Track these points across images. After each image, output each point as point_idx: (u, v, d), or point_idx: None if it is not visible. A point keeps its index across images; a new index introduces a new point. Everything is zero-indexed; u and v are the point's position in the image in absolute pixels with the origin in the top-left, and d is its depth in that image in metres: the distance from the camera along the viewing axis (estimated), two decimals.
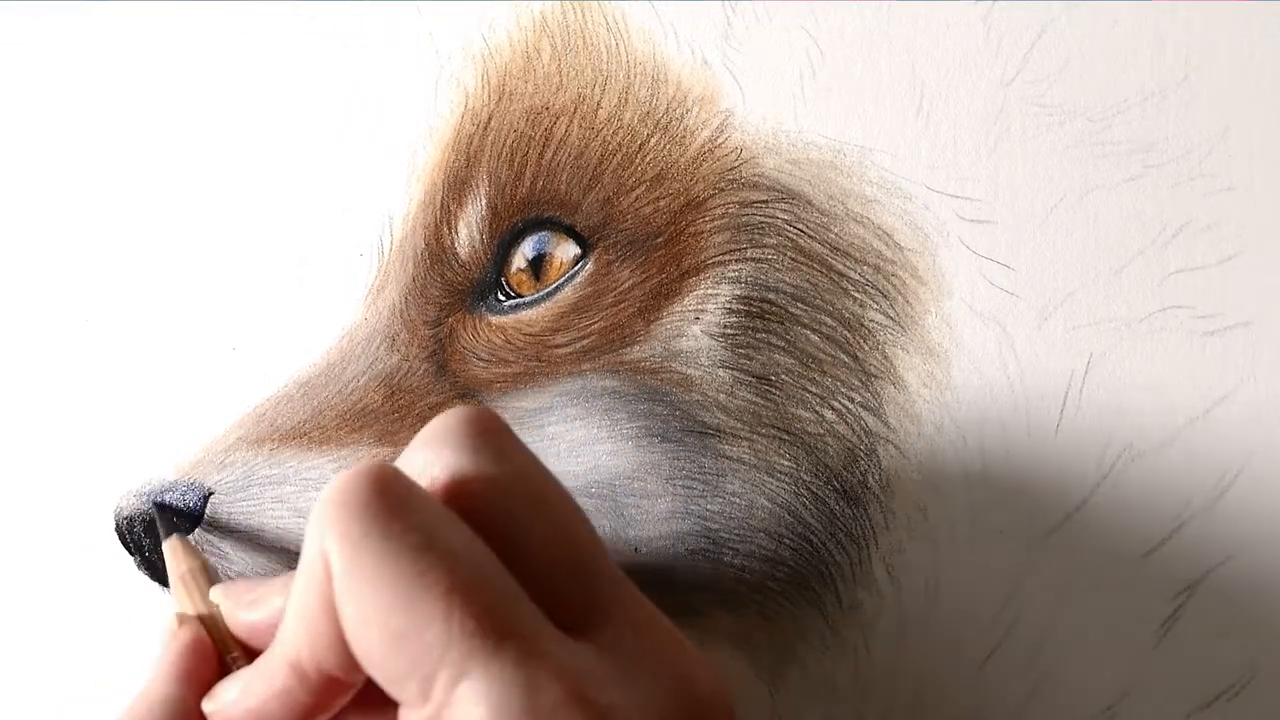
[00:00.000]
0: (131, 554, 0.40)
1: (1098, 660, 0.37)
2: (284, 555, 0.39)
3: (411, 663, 0.25)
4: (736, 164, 0.38)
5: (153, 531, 0.40)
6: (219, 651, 0.34)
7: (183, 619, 0.35)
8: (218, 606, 0.34)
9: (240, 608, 0.33)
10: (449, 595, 0.25)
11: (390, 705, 0.27)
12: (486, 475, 0.29)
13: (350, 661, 0.27)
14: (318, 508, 0.27)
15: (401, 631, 0.25)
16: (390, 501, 0.27)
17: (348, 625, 0.26)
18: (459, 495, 0.28)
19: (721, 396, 0.38)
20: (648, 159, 0.39)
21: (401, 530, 0.26)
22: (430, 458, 0.29)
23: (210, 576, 0.36)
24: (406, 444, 0.39)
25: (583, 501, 0.38)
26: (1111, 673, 0.37)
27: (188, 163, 0.42)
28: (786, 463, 0.38)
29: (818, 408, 0.38)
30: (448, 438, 0.29)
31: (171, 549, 0.37)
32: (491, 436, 0.29)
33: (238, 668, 0.33)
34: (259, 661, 0.30)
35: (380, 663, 0.26)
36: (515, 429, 0.39)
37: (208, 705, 0.32)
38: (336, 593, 0.26)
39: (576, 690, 0.25)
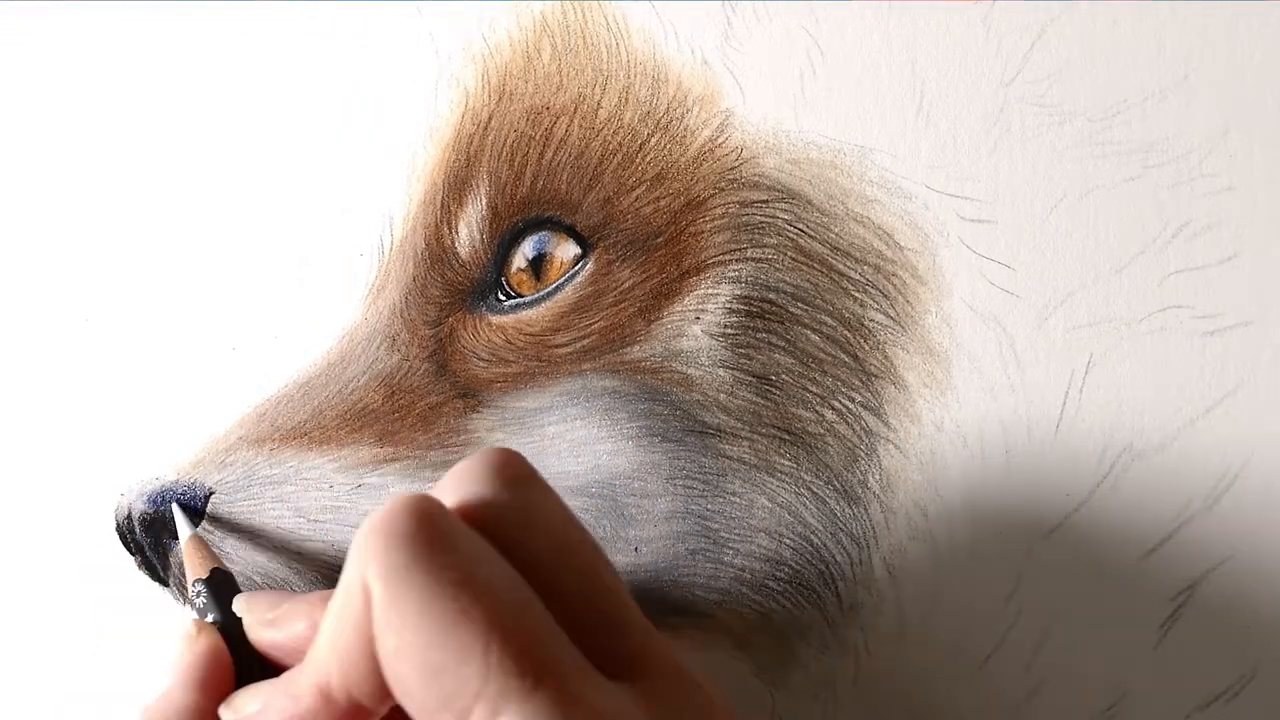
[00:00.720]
0: (131, 554, 0.40)
1: (1098, 660, 0.37)
2: (284, 555, 0.39)
3: (448, 696, 0.25)
4: (737, 164, 0.38)
5: (153, 531, 0.40)
6: (236, 661, 0.34)
7: (200, 626, 0.35)
8: (239, 619, 0.35)
9: (261, 625, 0.33)
10: (489, 631, 0.25)
11: None
12: (518, 514, 0.29)
13: (381, 691, 0.27)
14: (360, 536, 0.27)
15: (439, 665, 0.25)
16: (433, 534, 0.27)
17: (385, 655, 0.26)
18: (492, 532, 0.28)
19: (722, 396, 0.38)
20: (648, 159, 0.39)
21: (444, 564, 0.26)
22: (463, 495, 0.29)
23: (231, 584, 0.36)
24: (406, 444, 0.39)
25: (583, 501, 0.38)
26: (1111, 673, 0.37)
27: (188, 163, 0.42)
28: (787, 462, 0.38)
29: (818, 407, 0.38)
30: (478, 477, 0.29)
31: (191, 549, 0.37)
32: (520, 479, 0.30)
33: (255, 679, 0.33)
34: (283, 680, 0.30)
35: (416, 694, 0.26)
36: (515, 429, 0.39)
37: (226, 714, 0.32)
38: (375, 622, 0.26)
39: None
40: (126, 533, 0.40)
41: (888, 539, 0.38)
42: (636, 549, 0.39)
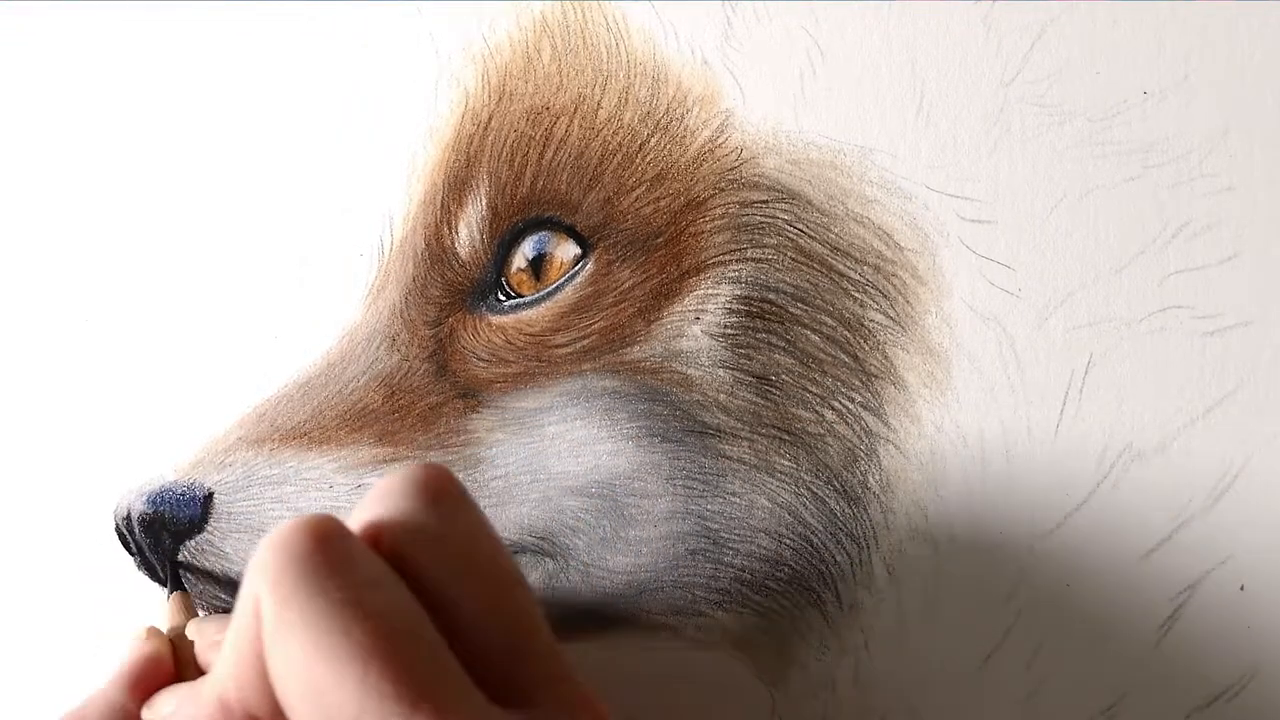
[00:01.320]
0: (131, 554, 0.40)
1: (1098, 660, 0.37)
2: None
3: (328, 717, 0.26)
4: (737, 164, 0.38)
5: (152, 532, 0.39)
6: (180, 677, 0.35)
7: (151, 632, 0.36)
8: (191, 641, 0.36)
9: (208, 648, 0.35)
10: (368, 654, 0.26)
11: None
12: (431, 535, 0.29)
13: (273, 706, 0.27)
14: (257, 553, 0.27)
15: (320, 685, 0.26)
16: (327, 555, 0.27)
17: (273, 671, 0.27)
18: (401, 552, 0.29)
19: (722, 396, 0.38)
20: (648, 159, 0.39)
21: (333, 586, 0.27)
22: (380, 511, 0.29)
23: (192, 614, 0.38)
24: (406, 444, 0.39)
25: (583, 501, 0.38)
26: (1111, 673, 0.37)
27: (188, 163, 0.42)
28: (787, 463, 0.38)
29: (818, 408, 0.38)
30: (400, 493, 0.30)
31: (174, 604, 0.38)
32: (444, 496, 0.30)
33: None
34: (194, 686, 0.32)
35: (300, 712, 0.26)
36: (515, 429, 0.39)
37: (147, 714, 0.34)
38: (264, 639, 0.27)
39: None
40: (126, 533, 0.40)
41: (888, 539, 0.38)
42: (637, 549, 0.39)
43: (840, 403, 0.38)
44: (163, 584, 0.40)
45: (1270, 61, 0.37)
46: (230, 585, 0.39)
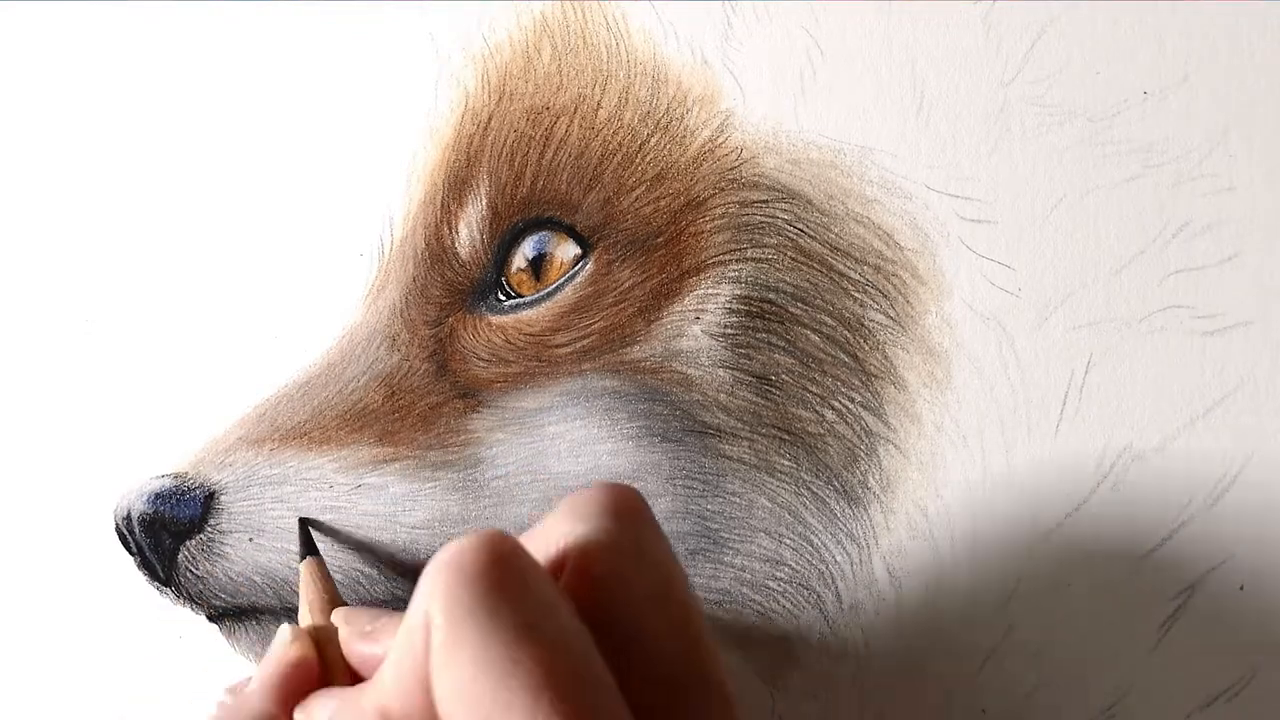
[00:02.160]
0: (131, 554, 0.40)
1: (1098, 660, 0.37)
2: (285, 555, 0.39)
3: None
4: (737, 164, 0.38)
5: (152, 532, 0.39)
6: (324, 672, 0.34)
7: (296, 634, 0.34)
8: (335, 630, 0.34)
9: (357, 637, 0.33)
10: (539, 690, 0.25)
11: None
12: (616, 562, 0.29)
13: None
14: (431, 568, 0.27)
15: (488, 713, 0.25)
16: (502, 578, 0.27)
17: (439, 693, 0.26)
18: (583, 576, 0.28)
19: (722, 396, 0.38)
20: (648, 159, 0.39)
21: (508, 612, 0.26)
22: (566, 531, 0.29)
23: (336, 600, 0.36)
24: (406, 444, 0.39)
25: None
26: (1111, 673, 0.37)
27: (188, 163, 0.42)
28: (787, 462, 0.38)
29: (818, 408, 0.38)
30: (588, 514, 0.29)
31: (308, 571, 0.37)
32: (632, 521, 0.29)
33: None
34: (353, 694, 0.30)
35: None
36: (515, 429, 0.39)
37: (300, 717, 0.32)
38: (433, 660, 0.26)
39: None
40: (126, 533, 0.40)
41: (888, 539, 0.38)
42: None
43: (840, 403, 0.38)
44: (163, 584, 0.40)
45: (1270, 61, 0.37)
46: (230, 586, 0.39)
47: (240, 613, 0.40)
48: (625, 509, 0.29)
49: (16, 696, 0.43)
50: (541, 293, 0.39)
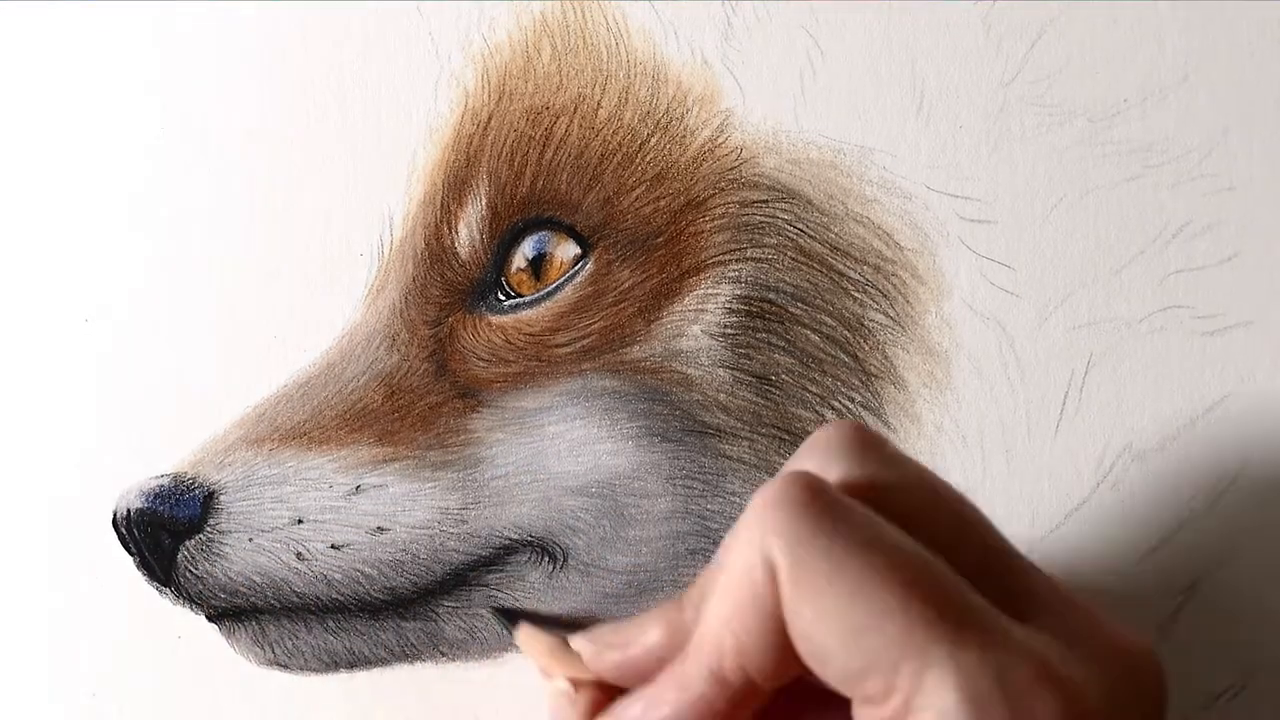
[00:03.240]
0: (130, 554, 0.40)
1: None
2: (284, 555, 0.39)
3: (873, 657, 0.25)
4: (737, 164, 0.38)
5: (150, 531, 0.39)
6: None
7: (579, 684, 0.33)
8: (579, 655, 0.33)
9: (607, 649, 0.32)
10: (906, 587, 0.25)
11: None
12: (882, 482, 0.29)
13: (781, 666, 0.27)
14: (753, 515, 0.27)
15: (861, 626, 0.25)
16: (828, 503, 0.27)
17: (800, 626, 0.26)
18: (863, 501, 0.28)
19: (722, 396, 0.38)
20: (648, 158, 0.39)
21: (846, 529, 0.26)
22: (819, 469, 0.29)
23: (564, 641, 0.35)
24: (406, 444, 0.39)
25: (583, 501, 0.38)
26: None
27: (188, 163, 0.42)
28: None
29: (818, 407, 0.38)
30: (831, 449, 0.29)
31: (526, 636, 0.36)
32: (873, 445, 0.29)
33: None
34: (664, 677, 0.29)
35: (838, 659, 0.26)
36: (515, 429, 0.39)
37: None
38: (785, 595, 0.26)
39: (1043, 668, 0.25)
40: (125, 533, 0.40)
41: None
42: (636, 549, 0.39)
43: (840, 403, 0.38)
44: (162, 584, 0.40)
45: (1270, 61, 0.37)
46: (229, 586, 0.39)
47: (239, 613, 0.40)
48: (868, 440, 0.29)
49: (16, 696, 0.43)
50: (541, 292, 0.39)
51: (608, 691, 0.31)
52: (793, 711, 0.30)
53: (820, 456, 0.29)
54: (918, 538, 0.27)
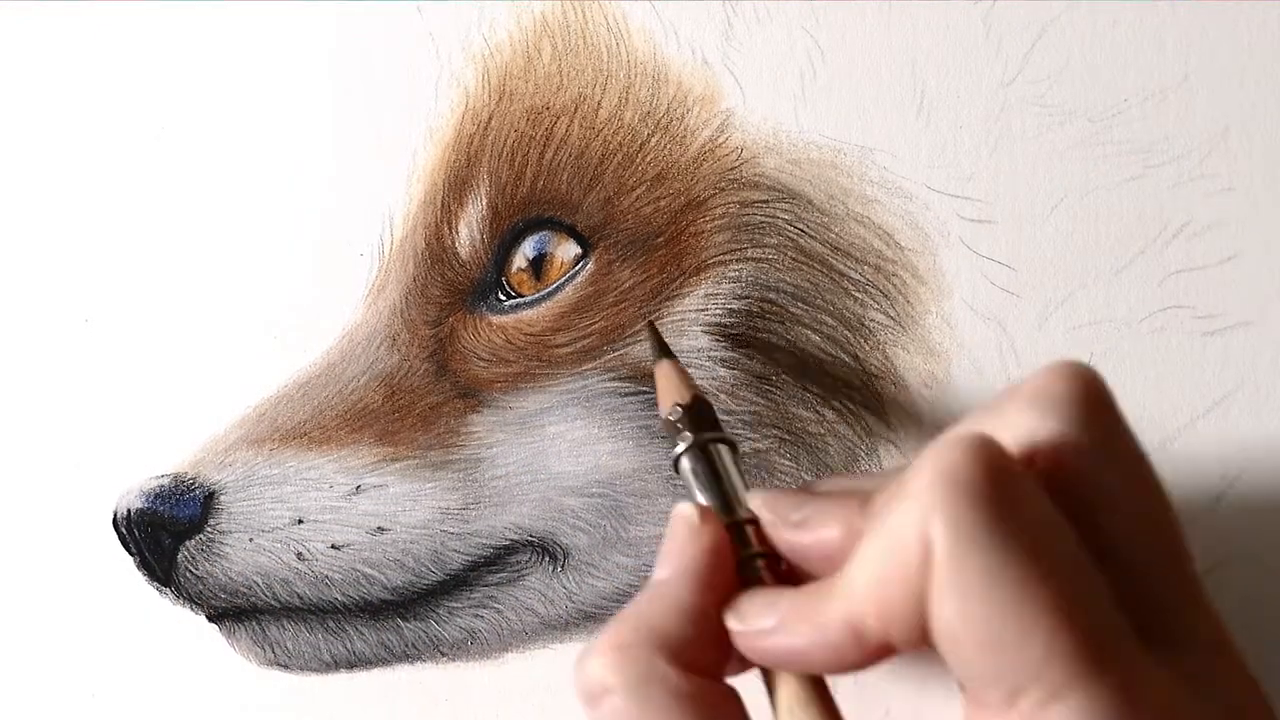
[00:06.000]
0: (130, 554, 0.40)
1: None
2: (284, 555, 0.39)
3: (1002, 671, 0.24)
4: (737, 164, 0.38)
5: (151, 531, 0.39)
6: (737, 552, 0.30)
7: (705, 515, 0.30)
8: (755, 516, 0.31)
9: (784, 526, 0.30)
10: (1055, 613, 0.24)
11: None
12: (1089, 459, 0.27)
13: (919, 639, 0.26)
14: (926, 480, 0.25)
15: (999, 639, 0.24)
16: (1005, 492, 0.25)
17: (942, 614, 0.25)
18: (1059, 485, 0.27)
19: (722, 396, 0.38)
20: (648, 159, 0.39)
21: (1015, 530, 0.25)
22: (1034, 426, 0.27)
23: (711, 419, 0.33)
24: (406, 444, 0.39)
25: (583, 501, 0.38)
26: None
27: (188, 163, 0.42)
28: (787, 462, 0.38)
29: (818, 407, 0.38)
30: (1057, 407, 0.27)
31: (664, 370, 0.33)
32: (1103, 416, 0.27)
33: (753, 575, 0.30)
34: (804, 600, 0.28)
35: (968, 662, 0.25)
36: (516, 429, 0.39)
37: (734, 622, 0.29)
38: (934, 580, 0.25)
39: (1168, 717, 0.25)
40: (125, 533, 0.40)
41: None
42: (637, 549, 0.39)
43: (840, 403, 0.38)
44: (162, 584, 0.40)
45: (1270, 61, 0.37)
46: (229, 586, 0.39)
47: (240, 613, 0.40)
48: (1092, 404, 0.27)
49: (15, 696, 0.43)
50: (542, 293, 0.39)
51: (731, 544, 0.30)
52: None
53: (1044, 406, 0.27)
54: (1097, 529, 0.26)
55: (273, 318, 0.41)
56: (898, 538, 0.26)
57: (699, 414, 0.33)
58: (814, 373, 0.38)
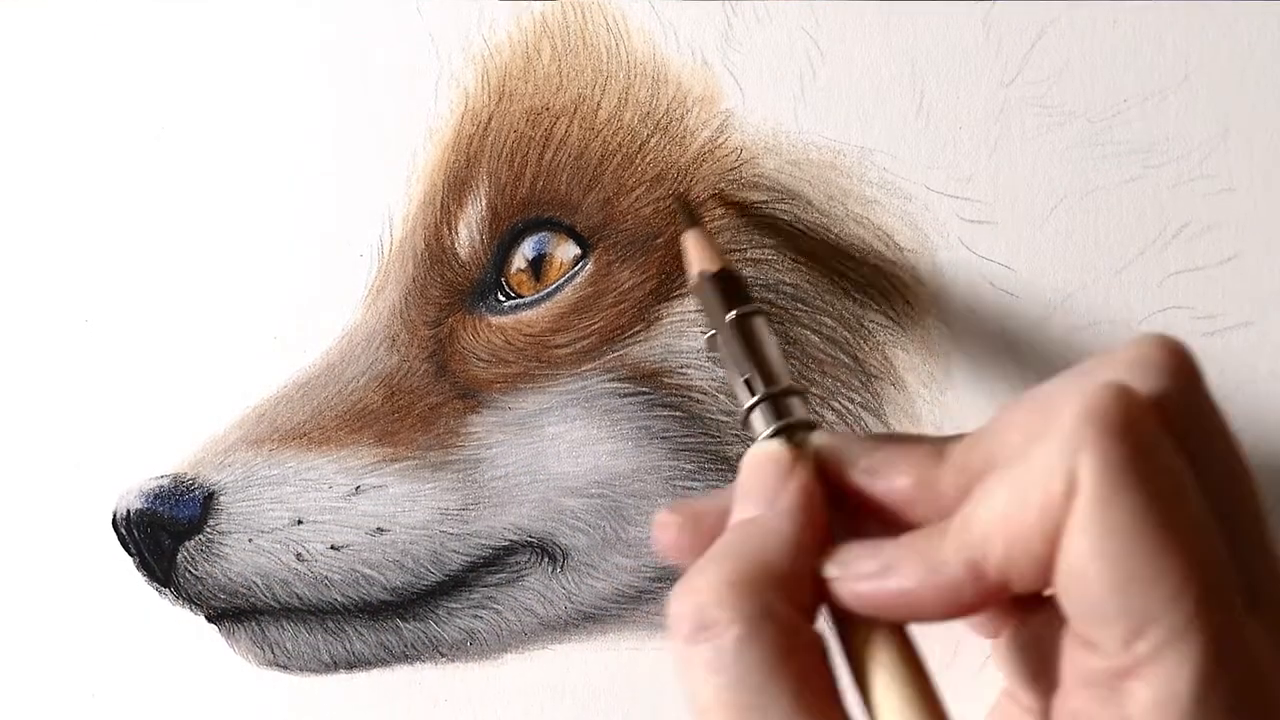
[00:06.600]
0: (130, 554, 0.40)
1: None
2: (284, 555, 0.39)
3: (1129, 609, 0.24)
4: (736, 164, 0.38)
5: (150, 532, 0.39)
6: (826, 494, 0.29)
7: (797, 454, 0.29)
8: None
9: (853, 470, 0.29)
10: (1190, 555, 0.24)
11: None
12: (1192, 430, 0.27)
13: (1043, 578, 0.26)
14: (1069, 420, 0.25)
15: (1132, 577, 0.24)
16: (1153, 436, 0.25)
17: (1075, 551, 0.25)
18: (1179, 436, 0.26)
19: (722, 397, 0.38)
20: (648, 159, 0.39)
21: (1158, 473, 0.25)
22: (1146, 386, 0.27)
23: (742, 293, 0.32)
24: (406, 444, 0.39)
25: (583, 501, 0.38)
26: None
27: (187, 163, 0.42)
28: None
29: (818, 408, 0.38)
30: (1157, 373, 0.27)
31: (693, 237, 0.32)
32: (1199, 385, 0.27)
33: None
34: (914, 545, 0.27)
35: (1094, 596, 0.25)
36: (515, 429, 0.39)
37: (833, 570, 0.28)
38: (1076, 515, 0.25)
39: (1261, 676, 0.25)
40: (124, 533, 0.40)
41: None
42: (636, 549, 0.39)
43: (840, 403, 0.38)
44: (162, 584, 0.40)
45: (1270, 61, 0.37)
46: (229, 586, 0.39)
47: (239, 614, 0.40)
48: (1193, 372, 0.28)
49: (14, 696, 0.43)
50: (541, 293, 0.39)
51: (821, 485, 0.29)
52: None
53: (1143, 371, 0.27)
54: (1208, 495, 0.26)
55: (272, 318, 0.41)
56: (1037, 473, 0.25)
57: (728, 283, 0.33)
58: (814, 373, 0.38)
